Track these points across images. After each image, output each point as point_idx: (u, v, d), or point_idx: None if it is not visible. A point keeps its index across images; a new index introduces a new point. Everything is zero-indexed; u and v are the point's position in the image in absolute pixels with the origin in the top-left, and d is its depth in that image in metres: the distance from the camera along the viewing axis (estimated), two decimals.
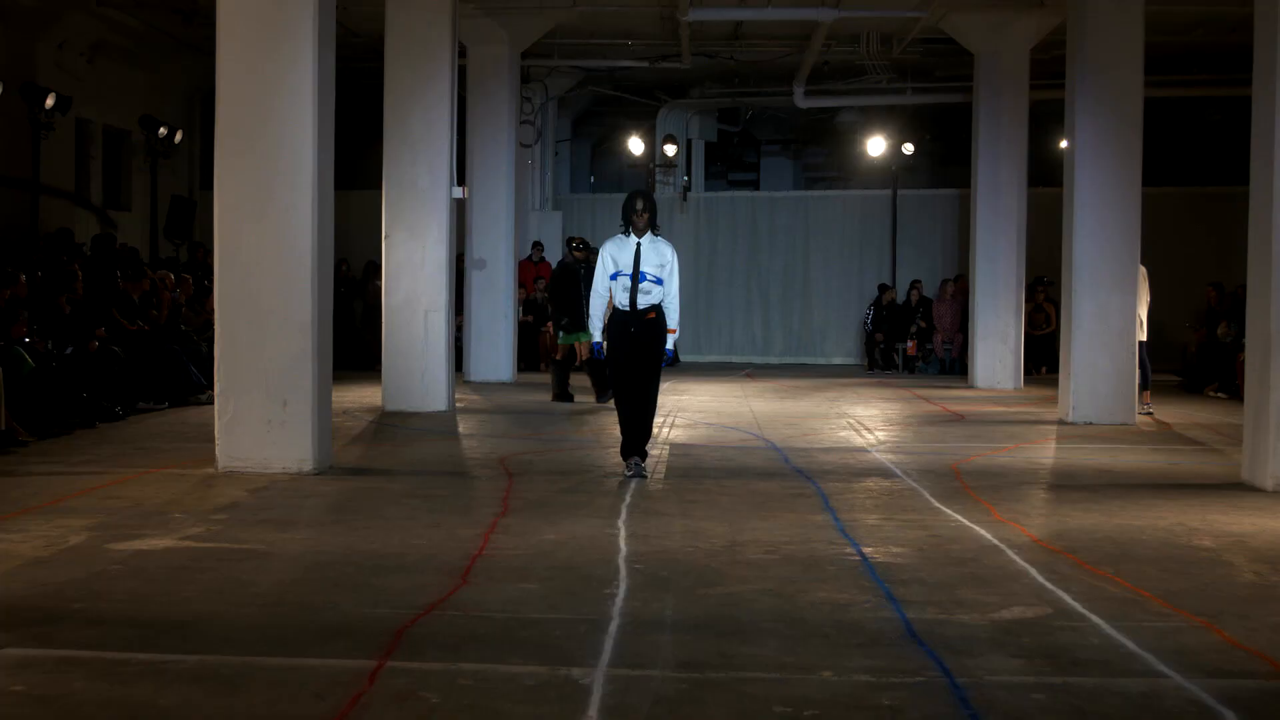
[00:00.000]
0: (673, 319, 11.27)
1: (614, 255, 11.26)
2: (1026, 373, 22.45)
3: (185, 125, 25.74)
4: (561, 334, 18.22)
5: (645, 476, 11.13)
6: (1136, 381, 16.16)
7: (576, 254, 17.75)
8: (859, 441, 14.22)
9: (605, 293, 11.37)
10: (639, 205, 11.19)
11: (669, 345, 11.28)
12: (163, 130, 24.06)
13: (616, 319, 11.24)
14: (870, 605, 6.91)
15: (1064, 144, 17.25)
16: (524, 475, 11.43)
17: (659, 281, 11.19)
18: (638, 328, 11.16)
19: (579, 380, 19.37)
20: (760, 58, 25.63)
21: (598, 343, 11.40)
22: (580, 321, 17.57)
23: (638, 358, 11.18)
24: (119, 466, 11.64)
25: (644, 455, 11.33)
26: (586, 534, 8.74)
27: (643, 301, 11.17)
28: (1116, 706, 5.37)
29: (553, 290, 18.48)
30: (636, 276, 11.13)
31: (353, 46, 21.62)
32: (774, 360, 27.74)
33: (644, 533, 8.78)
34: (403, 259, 16.89)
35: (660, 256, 11.21)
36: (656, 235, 11.31)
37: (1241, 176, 12.48)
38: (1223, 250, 24.70)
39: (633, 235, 11.23)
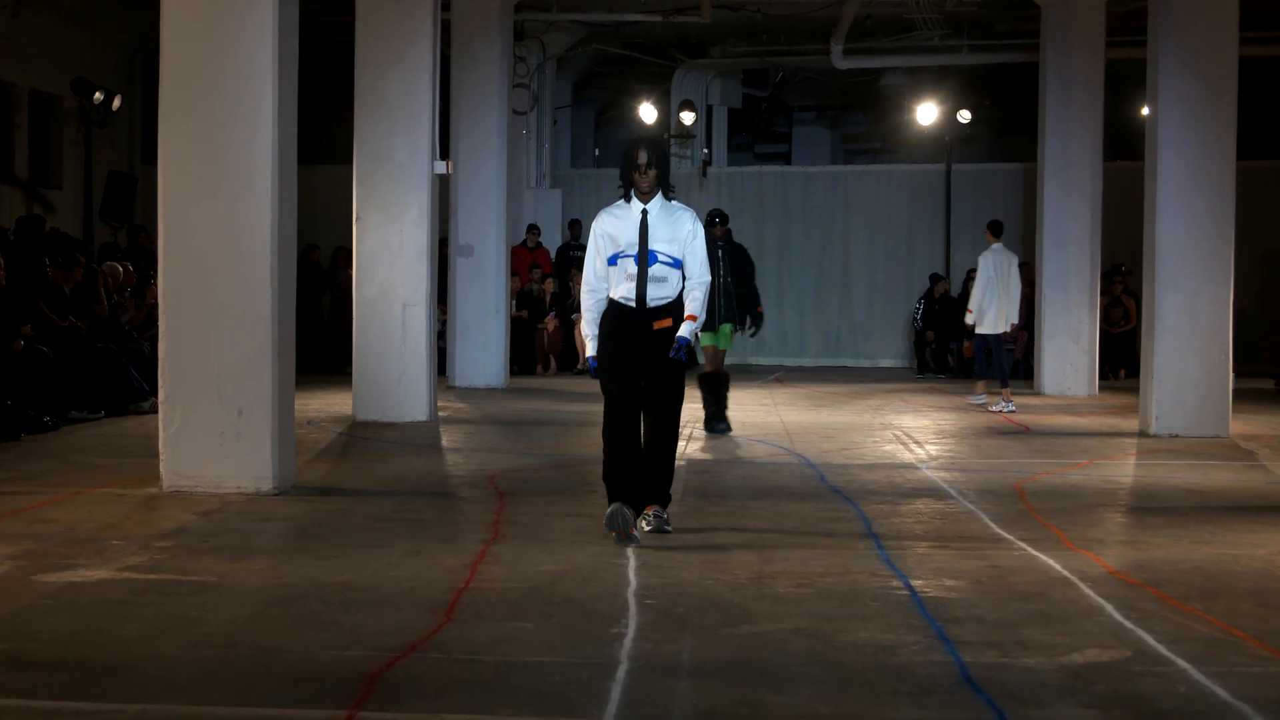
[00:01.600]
0: (699, 301, 9.57)
1: (610, 230, 9.57)
2: (1102, 376, 22.44)
3: (124, 89, 25.79)
4: (700, 338, 16.31)
5: (668, 529, 9.59)
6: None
7: (713, 230, 15.98)
8: (907, 457, 14.21)
9: (600, 285, 9.66)
10: (642, 158, 9.50)
11: (684, 332, 9.46)
12: (99, 95, 24.08)
13: (616, 321, 9.56)
14: (920, 647, 6.90)
15: (1145, 111, 17.24)
16: (517, 496, 11.42)
17: (676, 264, 9.54)
18: (647, 334, 9.51)
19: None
20: (792, 10, 25.65)
21: (592, 358, 9.65)
22: (711, 317, 15.70)
23: (648, 376, 9.52)
24: (48, 485, 11.65)
25: (666, 501, 9.75)
26: (590, 564, 8.74)
27: (655, 294, 9.49)
28: None
29: None
30: (644, 258, 9.47)
31: None
32: (808, 363, 27.76)
33: (656, 563, 8.78)
34: (377, 245, 16.90)
35: (676, 228, 9.55)
36: (671, 199, 9.69)
37: None
38: None
39: (636, 201, 9.57)
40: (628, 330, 9.53)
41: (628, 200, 9.64)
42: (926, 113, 27.85)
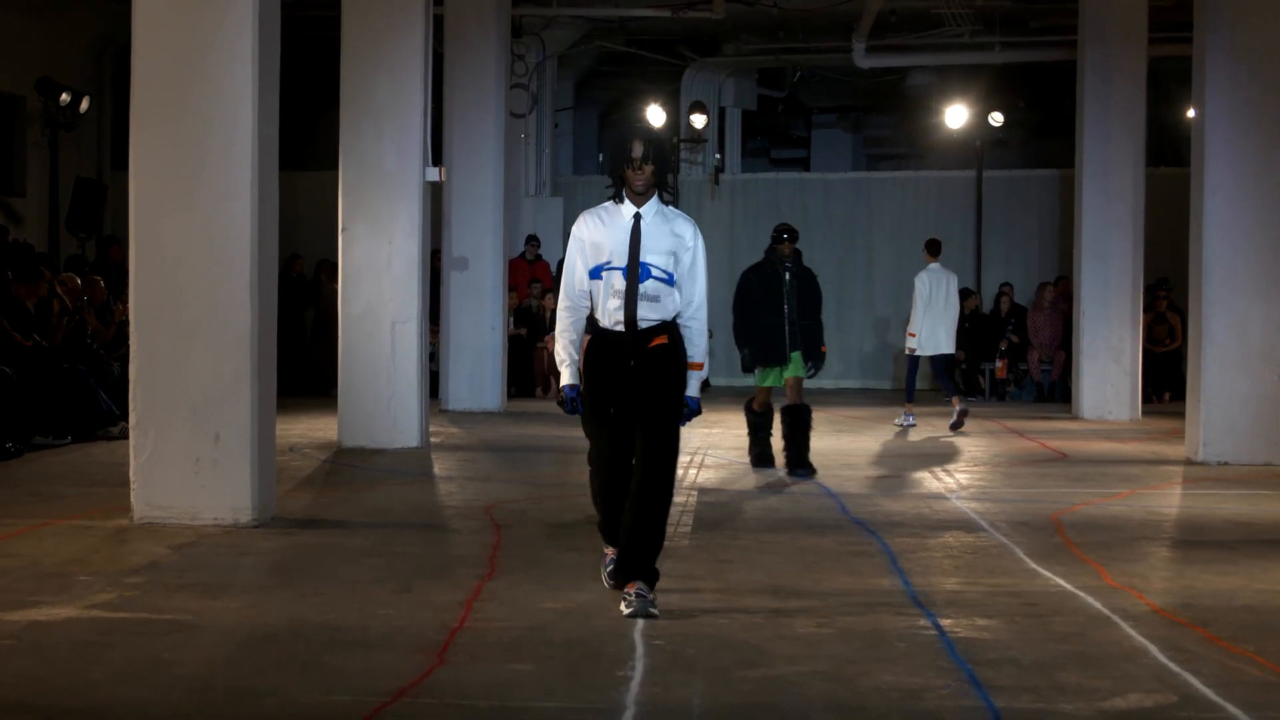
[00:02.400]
0: (699, 345, 8.85)
1: (594, 238, 8.74)
2: (1145, 399, 22.44)
3: (93, 90, 25.84)
4: (758, 374, 15.45)
5: (655, 613, 8.31)
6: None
7: (781, 247, 15.10)
8: (935, 486, 14.21)
9: (581, 301, 8.82)
10: (637, 150, 8.64)
11: (692, 391, 8.78)
12: (65, 96, 24.14)
13: (601, 348, 8.79)
14: (949, 691, 6.90)
15: (1192, 113, 17.25)
16: (515, 528, 11.43)
17: (670, 280, 8.70)
18: (638, 360, 8.69)
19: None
20: (811, 4, 25.68)
21: (569, 387, 8.74)
22: (771, 348, 15.04)
23: (638, 411, 8.65)
24: (10, 517, 11.65)
25: (653, 577, 8.60)
26: (594, 601, 8.73)
27: (646, 315, 8.67)
28: None
29: (735, 306, 15.42)
30: (635, 272, 8.65)
31: None
32: (827, 384, 27.75)
33: (666, 600, 8.78)
34: (364, 257, 16.91)
35: (674, 239, 8.74)
36: (668, 204, 8.92)
37: None
38: None
39: (628, 203, 8.74)
40: (615, 359, 8.70)
41: (618, 201, 8.77)
42: (956, 115, 27.86)
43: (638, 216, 8.71)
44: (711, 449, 16.92)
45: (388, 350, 16.80)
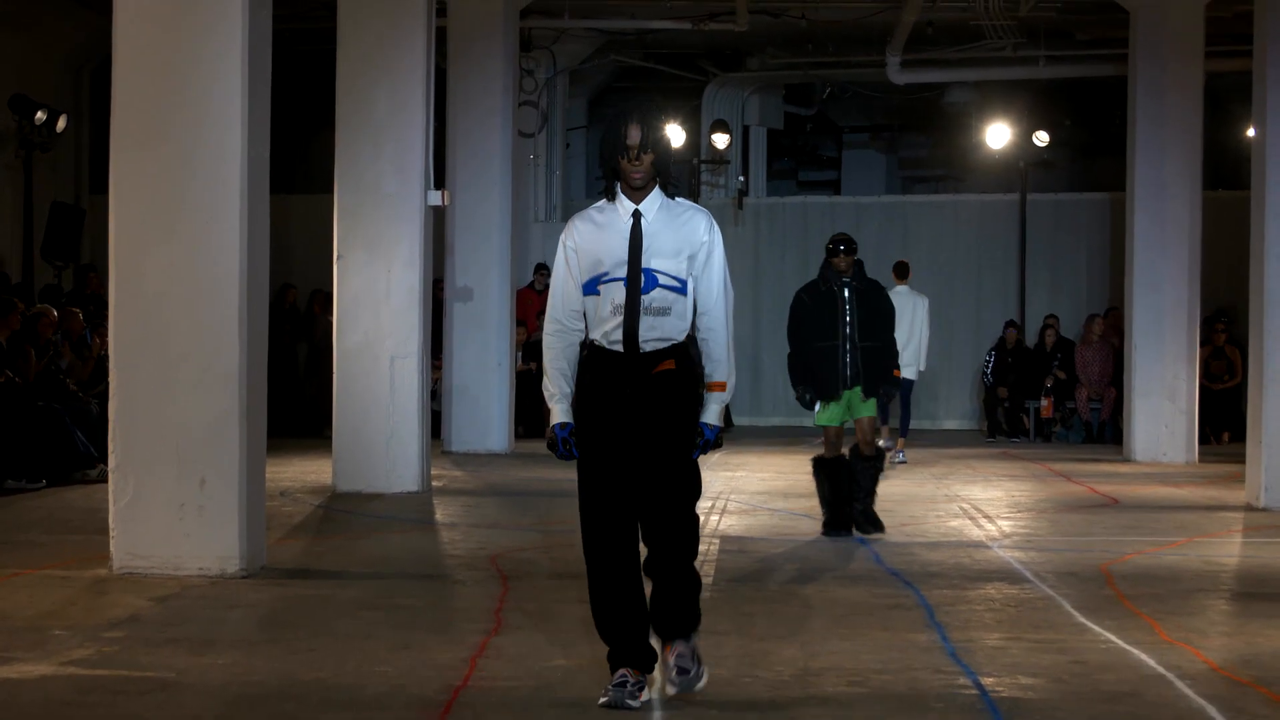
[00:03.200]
0: (721, 365, 7.86)
1: (586, 244, 7.83)
2: (1203, 440, 22.39)
3: (71, 108, 25.90)
4: (817, 410, 14.18)
5: (702, 681, 7.81)
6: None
7: (836, 261, 13.99)
8: (976, 534, 14.19)
9: (573, 324, 7.90)
10: (633, 136, 7.71)
11: (710, 417, 7.84)
12: (40, 115, 24.19)
13: (598, 376, 7.83)
14: None
15: (1252, 131, 17.26)
16: (523, 579, 11.42)
17: (682, 288, 7.79)
18: (638, 389, 7.73)
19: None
20: (842, 16, 25.73)
21: (561, 426, 7.86)
22: (821, 378, 13.92)
23: (640, 449, 7.68)
24: None
25: (690, 633, 7.78)
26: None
27: (650, 334, 7.72)
28: None
29: (789, 334, 14.30)
30: (636, 282, 7.72)
31: (296, 1, 21.75)
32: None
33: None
34: (361, 287, 16.93)
35: (685, 239, 7.82)
36: (676, 198, 7.98)
37: None
38: None
39: (624, 200, 7.83)
40: (615, 389, 7.73)
41: (611, 199, 7.86)
42: (997, 134, 27.88)
43: (637, 215, 7.76)
44: (735, 493, 16.91)
45: (386, 387, 16.82)
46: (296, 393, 24.68)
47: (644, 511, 7.66)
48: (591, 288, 7.80)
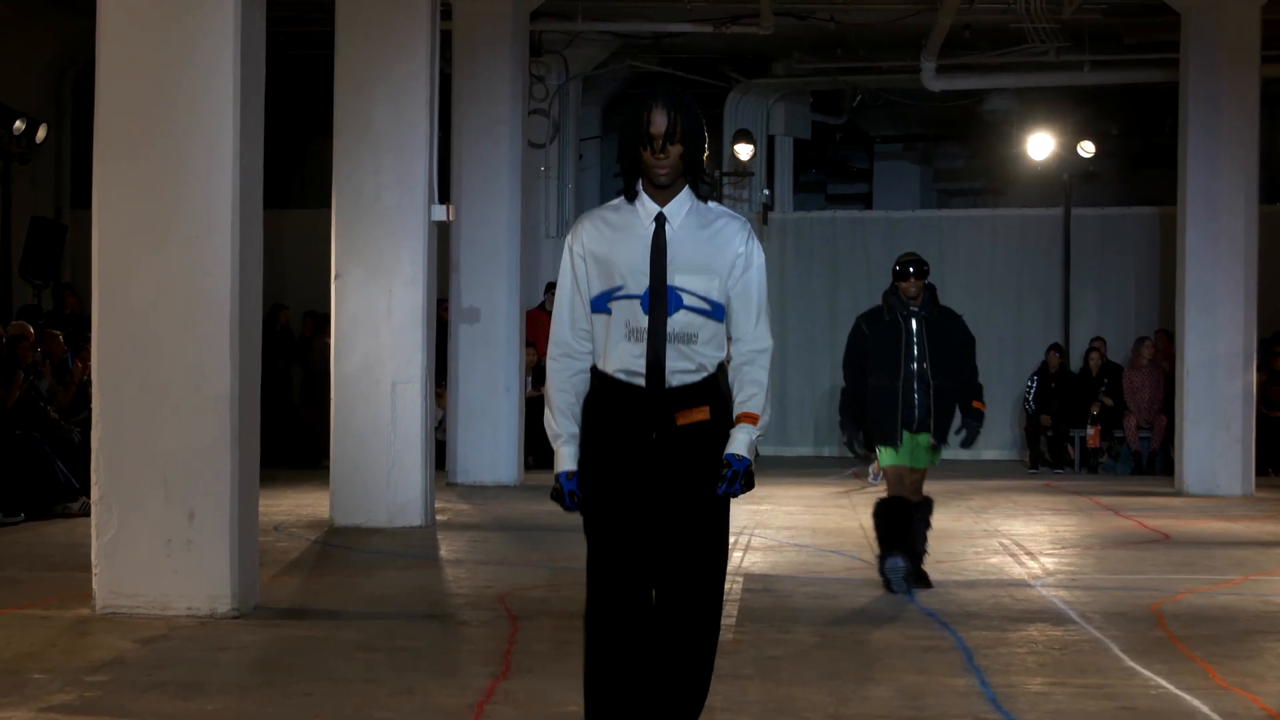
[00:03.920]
0: (757, 396, 6.85)
1: (599, 250, 6.92)
2: (1260, 471, 22.35)
3: (51, 116, 25.96)
4: (878, 451, 13.45)
5: None
6: None
7: (904, 286, 13.30)
8: (1017, 572, 14.18)
9: (580, 346, 6.95)
10: (659, 123, 6.77)
11: (739, 447, 6.77)
12: (19, 124, 24.25)
13: (606, 406, 6.88)
14: None
15: None
16: (533, 619, 11.42)
17: (714, 311, 6.85)
18: (663, 437, 6.81)
19: None
20: (874, 18, 25.74)
21: (566, 475, 6.85)
22: (879, 421, 13.13)
23: (663, 513, 6.78)
24: None
25: None
26: None
27: (680, 365, 6.80)
28: None
29: (845, 367, 13.62)
30: (661, 301, 6.79)
31: (291, 3, 21.80)
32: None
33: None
34: (360, 308, 16.94)
35: (718, 250, 6.90)
36: (709, 201, 7.02)
37: None
38: None
39: (646, 200, 6.92)
40: (629, 429, 6.82)
41: (630, 199, 6.95)
42: (1039, 144, 27.86)
43: (661, 219, 6.84)
44: (760, 528, 16.90)
45: (387, 414, 16.82)
46: (291, 420, 24.71)
47: (661, 586, 6.78)
48: (601, 304, 6.85)
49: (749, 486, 6.73)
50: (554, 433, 6.88)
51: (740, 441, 6.73)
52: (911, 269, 13.19)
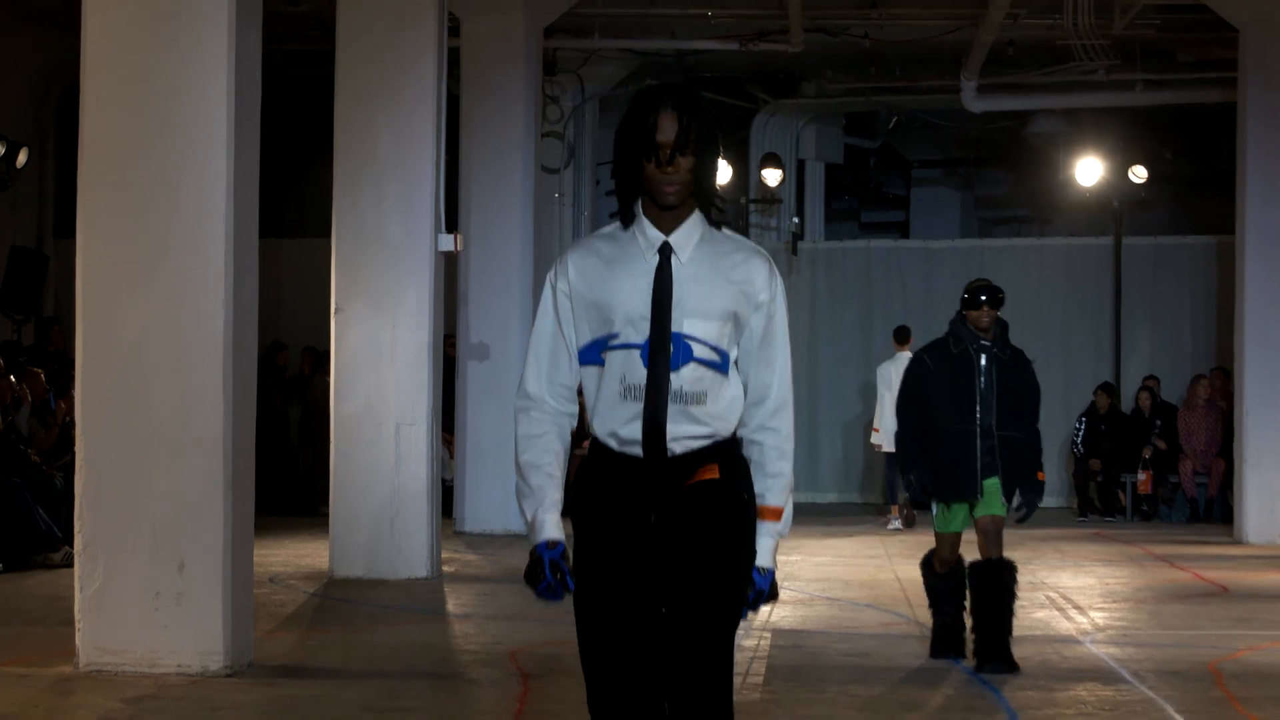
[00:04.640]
0: (779, 483, 6.04)
1: (589, 290, 6.08)
2: None
3: (33, 140, 26.02)
4: (936, 511, 12.45)
5: None
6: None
7: (975, 315, 12.58)
8: (1065, 627, 14.17)
9: (562, 404, 6.08)
10: (666, 129, 5.83)
11: (764, 558, 6.01)
12: None
13: (599, 479, 5.99)
14: None
15: None
16: (546, 677, 11.43)
17: (725, 364, 5.95)
18: (665, 510, 5.92)
19: None
20: (911, 35, 25.77)
21: (546, 546, 5.98)
22: (954, 473, 12.13)
23: (667, 599, 5.92)
24: None
25: None
26: None
27: (687, 430, 5.88)
28: None
29: (902, 407, 12.91)
30: (664, 353, 5.86)
31: (289, 19, 21.87)
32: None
33: None
34: (362, 344, 16.96)
35: (734, 286, 5.96)
36: (723, 230, 6.09)
37: None
38: None
39: (647, 226, 5.99)
40: (625, 507, 5.93)
41: (627, 224, 6.05)
42: (1088, 169, 27.88)
43: (666, 249, 5.93)
44: (789, 580, 16.89)
45: (390, 458, 16.83)
46: (289, 463, 24.72)
47: (667, 686, 5.93)
48: (593, 355, 5.98)
49: (774, 599, 6.05)
50: (525, 495, 5.98)
51: (765, 550, 5.97)
52: (984, 296, 12.40)
